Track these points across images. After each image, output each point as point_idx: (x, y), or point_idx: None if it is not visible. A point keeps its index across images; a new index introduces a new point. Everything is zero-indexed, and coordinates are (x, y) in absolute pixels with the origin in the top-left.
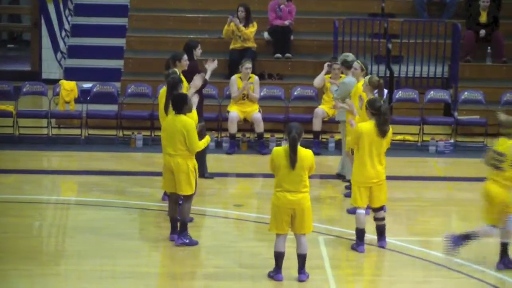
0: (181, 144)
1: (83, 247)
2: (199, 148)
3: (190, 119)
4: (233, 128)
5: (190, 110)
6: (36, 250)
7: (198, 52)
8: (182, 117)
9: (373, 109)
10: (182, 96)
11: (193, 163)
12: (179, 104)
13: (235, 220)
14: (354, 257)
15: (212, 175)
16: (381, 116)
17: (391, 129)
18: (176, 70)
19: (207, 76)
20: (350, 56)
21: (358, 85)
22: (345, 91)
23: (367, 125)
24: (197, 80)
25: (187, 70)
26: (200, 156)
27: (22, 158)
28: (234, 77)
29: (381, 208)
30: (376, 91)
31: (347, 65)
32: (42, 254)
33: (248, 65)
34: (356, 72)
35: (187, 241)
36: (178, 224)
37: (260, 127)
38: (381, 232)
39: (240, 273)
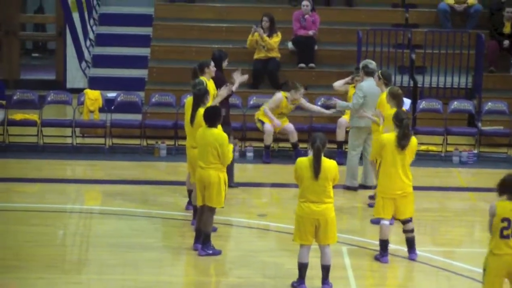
0: (213, 157)
1: (106, 256)
2: (230, 159)
3: (222, 132)
4: (269, 140)
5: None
6: (59, 259)
7: (225, 63)
8: (214, 130)
9: (397, 121)
10: (215, 109)
11: (224, 176)
12: (212, 117)
13: (259, 230)
14: (378, 267)
15: (237, 185)
16: (402, 129)
17: (415, 140)
18: (204, 79)
19: (234, 88)
20: (373, 64)
21: (382, 95)
22: (360, 96)
23: (390, 136)
24: (223, 91)
25: (214, 81)
26: (229, 166)
27: (46, 167)
28: (281, 96)
29: (409, 220)
30: (394, 101)
31: (367, 71)
32: (65, 263)
33: (302, 90)
34: (379, 82)
35: (210, 252)
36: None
37: (294, 137)
38: (410, 244)
39: (264, 283)
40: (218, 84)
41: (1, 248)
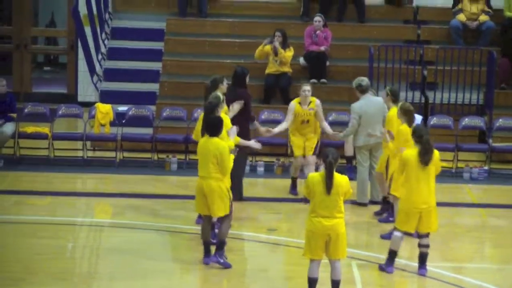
0: (213, 166)
1: (115, 268)
2: (229, 170)
3: (224, 142)
4: (296, 173)
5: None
6: (69, 271)
7: (247, 79)
8: (215, 139)
9: (417, 137)
10: (216, 119)
11: (225, 185)
12: (214, 127)
13: (269, 244)
14: (387, 282)
15: (247, 199)
16: (423, 145)
17: (437, 153)
18: (219, 94)
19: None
20: (364, 81)
21: (389, 113)
22: (356, 118)
23: (412, 153)
24: (236, 106)
25: (238, 98)
26: (238, 179)
27: (57, 180)
28: (293, 104)
29: (426, 235)
30: (406, 117)
31: (361, 89)
32: (75, 275)
33: (306, 87)
34: (387, 98)
35: (222, 261)
36: (211, 248)
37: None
38: (423, 259)
39: None
40: (249, 101)
41: (11, 261)
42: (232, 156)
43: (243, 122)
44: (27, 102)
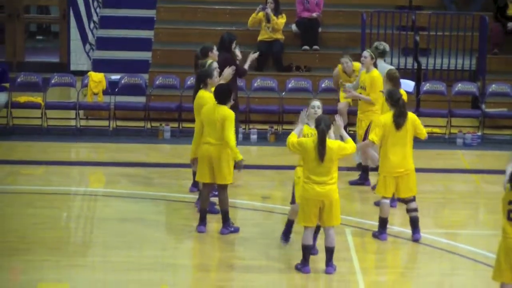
0: (221, 133)
1: (110, 238)
2: (232, 141)
3: (231, 111)
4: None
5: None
6: (64, 241)
7: (233, 45)
8: (223, 107)
9: (392, 100)
10: (226, 87)
11: (230, 152)
12: (222, 94)
13: (263, 212)
14: (381, 249)
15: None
16: (398, 108)
17: (413, 116)
18: (212, 61)
19: (246, 66)
20: (382, 44)
21: (371, 74)
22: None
23: (387, 116)
24: (227, 73)
25: (223, 63)
26: None
27: (50, 149)
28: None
29: (412, 199)
30: (392, 83)
31: (378, 52)
32: (70, 245)
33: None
34: (365, 61)
35: (232, 229)
36: (206, 216)
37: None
38: (414, 224)
39: (267, 265)
40: (228, 66)
41: (7, 230)
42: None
43: (232, 85)
44: (20, 71)
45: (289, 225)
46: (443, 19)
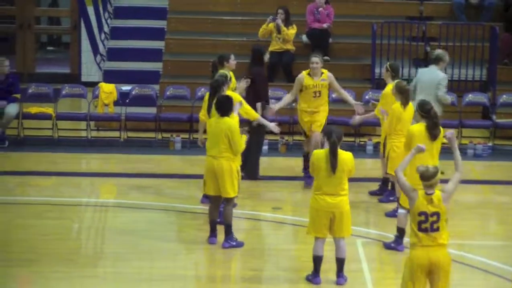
0: (225, 146)
1: (121, 249)
2: (242, 149)
3: (234, 121)
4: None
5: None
6: (75, 252)
7: (266, 57)
8: (226, 119)
9: (423, 111)
10: (226, 98)
11: (236, 165)
12: (224, 106)
13: (274, 223)
14: (392, 260)
15: (263, 178)
16: (431, 119)
17: (442, 130)
18: (225, 71)
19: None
20: (437, 51)
21: (386, 89)
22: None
23: (420, 127)
24: (242, 84)
25: (257, 76)
26: (255, 158)
27: (61, 160)
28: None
29: None
30: (402, 96)
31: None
32: (81, 256)
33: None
34: (386, 74)
35: (234, 243)
36: (217, 227)
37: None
38: None
39: (278, 276)
40: (260, 80)
41: (17, 241)
42: (245, 137)
43: (249, 101)
44: (31, 82)
45: None
46: (454, 29)
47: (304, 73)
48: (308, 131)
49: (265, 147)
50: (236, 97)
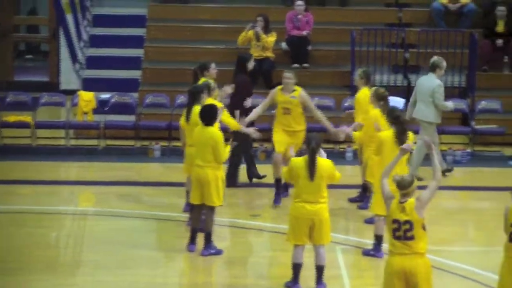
0: (210, 155)
1: (101, 257)
2: (226, 158)
3: (218, 131)
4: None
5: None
6: (54, 260)
7: (250, 65)
8: (211, 128)
9: (393, 118)
10: (210, 107)
11: (221, 174)
12: (208, 115)
13: (253, 230)
14: (371, 266)
15: (242, 185)
16: (400, 125)
17: (412, 135)
18: (209, 81)
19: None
20: (434, 57)
21: (359, 94)
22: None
23: (388, 134)
24: (224, 89)
25: (241, 85)
26: (235, 166)
27: (40, 168)
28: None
29: None
30: (381, 103)
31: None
32: (60, 264)
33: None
34: (360, 81)
35: (213, 251)
36: (198, 235)
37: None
38: None
39: (258, 283)
40: (245, 88)
41: None
42: (229, 147)
43: (232, 107)
44: (9, 91)
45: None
46: (433, 36)
47: (278, 87)
48: (279, 150)
49: None
50: (218, 105)
